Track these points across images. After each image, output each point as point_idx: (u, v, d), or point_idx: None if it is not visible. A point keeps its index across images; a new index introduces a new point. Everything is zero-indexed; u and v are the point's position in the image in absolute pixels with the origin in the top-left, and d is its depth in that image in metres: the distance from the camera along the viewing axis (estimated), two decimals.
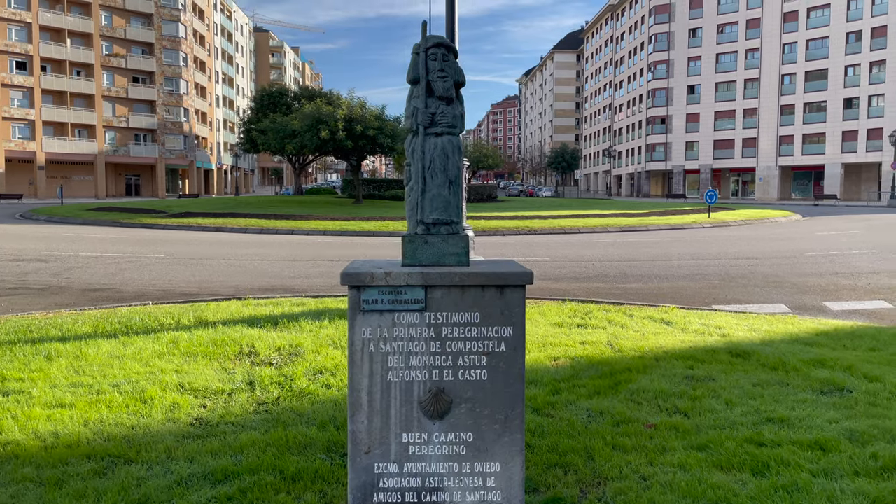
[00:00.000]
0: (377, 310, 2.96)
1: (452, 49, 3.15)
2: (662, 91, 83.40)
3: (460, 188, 3.18)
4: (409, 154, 3.18)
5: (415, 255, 3.11)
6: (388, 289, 2.94)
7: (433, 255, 3.10)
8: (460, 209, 3.16)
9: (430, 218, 3.12)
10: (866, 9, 66.63)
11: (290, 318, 7.48)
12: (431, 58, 3.12)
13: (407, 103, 3.20)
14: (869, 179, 68.94)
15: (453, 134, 3.15)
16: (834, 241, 19.95)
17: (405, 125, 3.19)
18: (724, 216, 31.88)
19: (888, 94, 64.68)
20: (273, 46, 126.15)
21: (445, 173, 3.13)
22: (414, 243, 3.12)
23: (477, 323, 2.98)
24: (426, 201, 3.12)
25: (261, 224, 25.88)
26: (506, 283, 2.95)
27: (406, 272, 2.94)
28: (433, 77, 3.11)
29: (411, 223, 3.18)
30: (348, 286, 2.95)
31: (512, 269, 3.01)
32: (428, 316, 2.97)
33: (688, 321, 7.65)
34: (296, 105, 49.86)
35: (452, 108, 3.15)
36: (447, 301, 2.96)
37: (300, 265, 14.22)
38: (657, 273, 12.99)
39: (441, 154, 3.12)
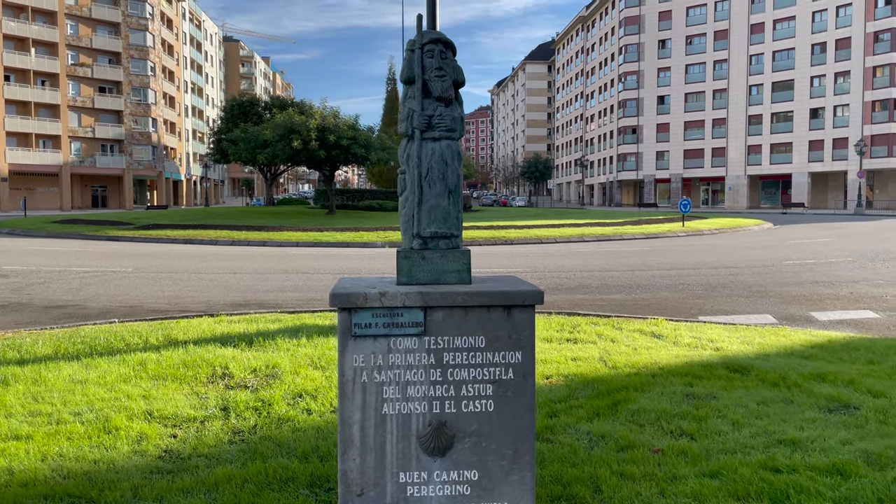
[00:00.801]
0: (371, 334, 2.65)
1: (451, 45, 2.87)
2: (633, 101, 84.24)
3: (460, 198, 2.89)
4: (403, 161, 2.89)
5: (411, 272, 2.81)
6: (383, 311, 2.63)
7: (432, 272, 2.80)
8: (460, 221, 2.88)
9: (428, 231, 2.82)
10: (830, 21, 68.06)
11: (265, 335, 7.10)
12: (428, 55, 2.84)
13: (401, 104, 2.90)
14: (835, 188, 70.22)
15: (452, 139, 2.86)
16: (809, 249, 20.04)
17: (399, 128, 2.89)
18: (697, 225, 32.04)
19: (852, 104, 66.03)
20: (243, 56, 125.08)
21: (444, 182, 2.84)
22: (410, 259, 2.82)
23: (482, 348, 2.68)
24: (423, 213, 2.82)
25: (232, 236, 25.32)
26: (514, 303, 2.66)
27: (403, 292, 2.64)
28: (430, 76, 2.83)
29: (406, 237, 2.88)
30: (338, 308, 2.63)
31: (519, 287, 2.72)
32: (427, 340, 2.66)
33: (678, 334, 7.43)
34: (267, 115, 49.25)
35: (451, 111, 2.86)
36: (449, 324, 2.66)
37: (274, 278, 13.80)
38: (639, 283, 12.82)
39: (439, 161, 2.83)
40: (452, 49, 2.86)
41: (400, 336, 2.64)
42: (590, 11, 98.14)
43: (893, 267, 15.03)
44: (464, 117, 2.91)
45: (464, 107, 2.97)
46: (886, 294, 11.25)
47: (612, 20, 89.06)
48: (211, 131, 59.93)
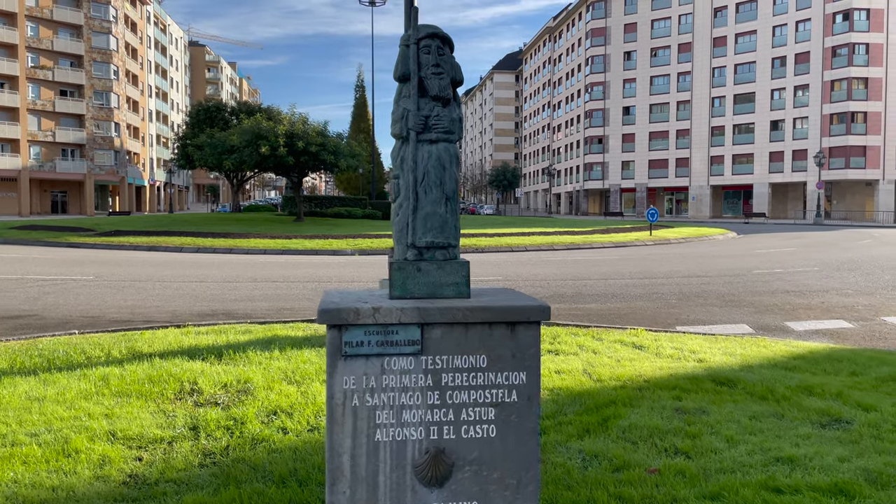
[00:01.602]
0: (363, 354, 2.42)
1: (448, 41, 2.67)
2: (599, 112, 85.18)
3: (458, 205, 2.69)
4: (396, 165, 2.68)
5: (405, 285, 2.59)
6: (377, 328, 2.41)
7: (428, 285, 2.59)
8: (458, 230, 2.67)
9: (424, 241, 2.61)
10: (790, 36, 69.69)
11: (235, 348, 6.80)
12: (424, 51, 2.63)
13: (395, 105, 2.69)
14: (795, 198, 71.77)
15: (450, 141, 2.66)
16: (776, 258, 20.28)
17: (392, 130, 2.68)
18: (664, 234, 32.33)
19: (811, 116, 67.61)
20: (209, 61, 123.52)
21: (441, 188, 2.64)
22: (404, 271, 2.60)
23: (483, 368, 2.48)
24: (418, 221, 2.62)
25: (197, 243, 24.75)
26: (518, 319, 2.46)
27: (398, 307, 2.42)
28: (426, 74, 2.62)
29: (400, 247, 2.67)
30: (326, 325, 2.40)
31: (524, 302, 2.53)
32: (425, 360, 2.45)
33: (660, 345, 7.32)
34: (234, 120, 48.50)
35: (449, 111, 2.66)
36: (448, 342, 2.45)
37: (242, 287, 13.42)
38: (613, 292, 12.76)
39: (436, 165, 2.63)
40: (450, 45, 2.67)
41: (395, 355, 2.43)
42: (557, 23, 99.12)
43: (859, 276, 15.23)
44: (462, 118, 2.72)
45: (461, 107, 2.78)
46: (856, 304, 11.34)
47: (579, 31, 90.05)
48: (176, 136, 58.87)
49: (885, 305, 11.17)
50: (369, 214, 45.37)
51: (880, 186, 64.71)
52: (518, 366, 2.48)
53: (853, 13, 64.22)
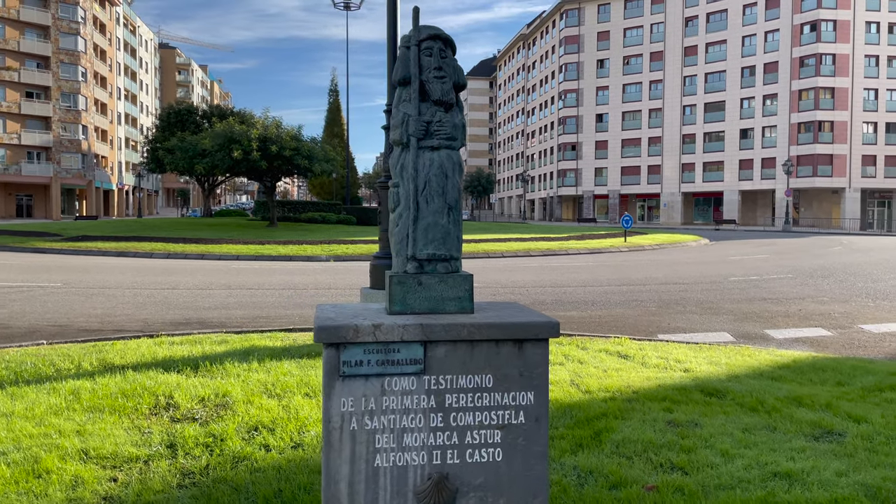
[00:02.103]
0: (362, 374, 2.28)
1: (450, 43, 2.54)
2: (573, 119, 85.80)
3: (461, 215, 2.56)
4: (396, 173, 2.54)
5: (405, 300, 2.45)
6: (378, 346, 2.27)
7: (429, 299, 2.46)
8: (461, 241, 2.54)
9: (425, 253, 2.48)
10: (759, 46, 70.91)
11: (212, 359, 6.58)
12: (426, 53, 2.50)
13: (394, 109, 2.56)
14: (764, 205, 72.94)
15: (453, 148, 2.53)
16: (750, 265, 20.48)
17: (392, 136, 2.54)
18: (639, 240, 32.54)
19: (780, 125, 68.81)
20: (180, 64, 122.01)
21: (444, 197, 2.50)
22: (404, 285, 2.46)
23: (489, 388, 2.35)
24: (419, 232, 2.48)
25: (168, 248, 24.28)
26: (526, 336, 2.34)
27: (399, 323, 2.28)
28: (428, 77, 2.50)
29: (399, 259, 2.53)
30: (323, 344, 2.25)
31: (532, 318, 2.40)
32: (427, 380, 2.31)
33: (645, 354, 7.26)
34: (205, 124, 47.86)
35: (452, 116, 2.53)
36: (452, 360, 2.32)
37: (215, 294, 13.13)
38: (592, 299, 12.72)
39: (438, 173, 2.50)
40: (452, 47, 2.54)
41: (396, 375, 2.29)
42: (531, 30, 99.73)
43: (833, 284, 15.41)
44: (465, 125, 2.59)
45: (463, 112, 2.65)
46: (833, 311, 11.43)
47: (553, 39, 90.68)
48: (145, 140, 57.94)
49: (860, 313, 11.27)
50: (344, 220, 45.05)
51: (846, 194, 66.03)
52: (526, 385, 2.35)
53: (820, 24, 65.56)
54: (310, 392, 5.50)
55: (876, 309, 11.72)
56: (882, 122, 66.46)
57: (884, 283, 15.48)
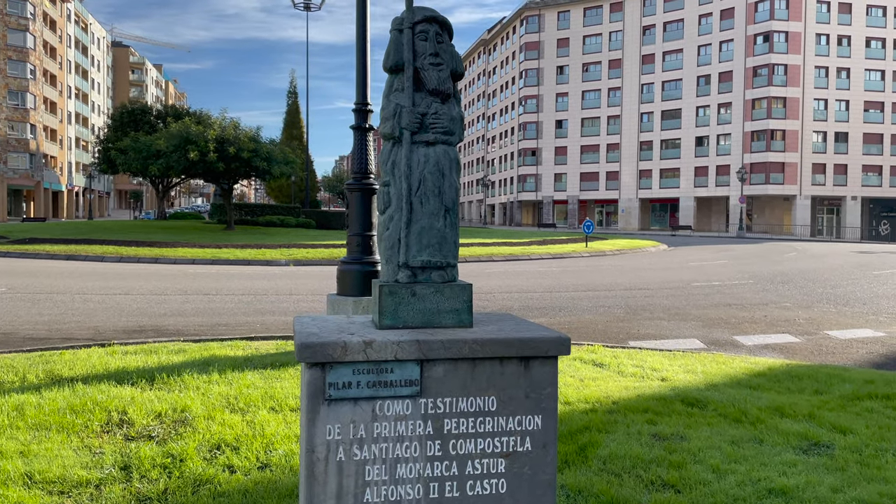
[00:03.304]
0: (350, 397, 2.01)
1: (448, 26, 2.29)
2: (533, 124, 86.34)
3: (457, 218, 2.31)
4: (386, 170, 2.28)
5: (397, 312, 2.19)
6: (369, 366, 2.00)
7: (424, 312, 2.20)
8: (457, 247, 2.29)
9: (419, 260, 2.22)
10: (714, 55, 72.41)
11: (169, 370, 6.19)
12: (420, 37, 2.25)
13: (384, 99, 2.29)
14: (718, 212, 74.44)
15: (450, 143, 2.28)
16: (711, 271, 20.68)
17: (382, 129, 2.28)
18: (600, 246, 32.73)
19: (734, 133, 70.32)
20: (133, 63, 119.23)
21: (440, 197, 2.25)
22: (396, 296, 2.20)
23: (492, 412, 2.10)
24: (413, 236, 2.22)
25: (120, 252, 23.45)
26: (534, 353, 2.10)
27: (393, 340, 2.02)
28: (423, 64, 2.24)
29: (390, 267, 2.27)
30: (305, 363, 1.98)
31: (538, 333, 2.16)
32: (424, 404, 2.05)
33: (620, 362, 7.10)
34: (160, 124, 46.66)
35: (449, 108, 2.28)
36: (452, 381, 2.06)
37: (171, 300, 12.61)
38: (560, 305, 12.59)
39: (434, 171, 2.24)
40: (449, 31, 2.29)
41: (388, 399, 2.02)
42: (491, 35, 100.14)
43: (794, 290, 15.60)
44: (463, 117, 2.35)
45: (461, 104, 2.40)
46: (798, 317, 11.51)
47: (513, 45, 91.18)
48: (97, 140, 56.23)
49: (824, 319, 11.37)
50: (303, 223, 44.39)
51: (797, 201, 67.77)
52: (532, 408, 2.11)
53: (773, 35, 67.24)
54: (276, 406, 5.17)
55: (838, 315, 11.84)
56: (831, 132, 68.44)
57: (842, 289, 15.73)
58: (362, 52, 7.07)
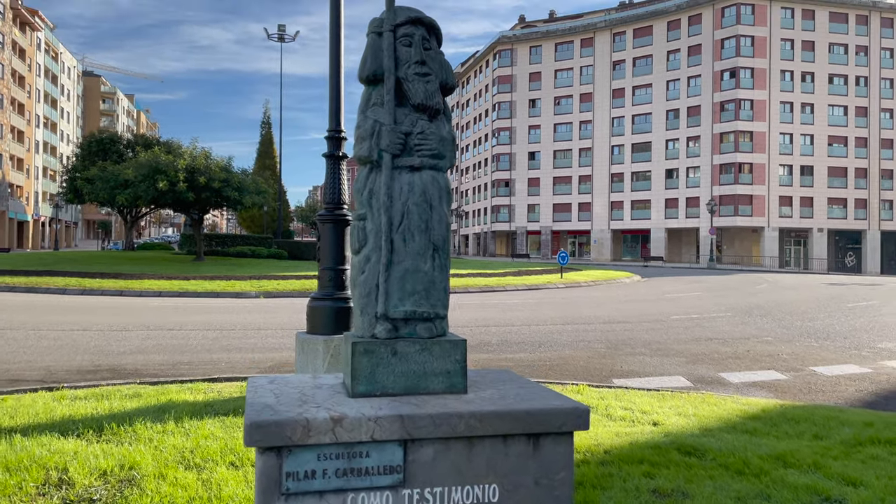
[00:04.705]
0: (315, 490, 1.58)
1: (435, 30, 1.91)
2: (506, 156, 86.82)
3: (448, 259, 1.91)
4: (362, 201, 1.87)
5: (374, 376, 1.77)
6: (338, 449, 1.58)
7: (408, 375, 1.79)
8: (448, 294, 1.89)
9: (401, 310, 1.81)
10: (682, 90, 73.75)
11: (120, 418, 5.65)
12: (403, 42, 1.86)
13: (359, 115, 1.90)
14: (689, 243, 75.15)
15: (439, 169, 1.90)
16: (688, 303, 20.50)
17: (357, 151, 1.88)
18: (574, 277, 32.55)
19: (703, 166, 71.33)
20: (104, 92, 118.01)
21: (427, 233, 1.85)
22: (373, 355, 1.78)
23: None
24: (394, 281, 1.82)
25: (83, 284, 22.61)
26: (545, 429, 1.69)
27: (370, 415, 1.60)
28: (407, 74, 1.85)
29: (365, 318, 1.85)
30: (258, 448, 1.55)
31: (549, 403, 1.76)
32: (409, 496, 1.63)
33: (608, 405, 6.71)
34: (129, 153, 45.85)
35: (437, 127, 1.89)
36: (443, 466, 1.65)
37: (132, 336, 11.98)
38: (539, 340, 12.21)
39: (421, 201, 1.85)
40: (438, 36, 1.91)
41: (364, 490, 1.60)
42: (465, 68, 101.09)
43: (772, 323, 15.42)
44: (455, 138, 1.96)
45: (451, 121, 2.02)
46: (781, 352, 11.26)
47: (486, 78, 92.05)
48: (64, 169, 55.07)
49: (808, 354, 11.13)
50: (275, 254, 43.64)
51: (766, 233, 68.66)
52: (544, 498, 1.70)
53: (739, 71, 68.71)
54: (236, 461, 4.67)
55: (821, 349, 11.62)
56: (797, 165, 69.74)
57: (820, 322, 15.60)
58: (336, 75, 6.71)
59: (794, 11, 70.00)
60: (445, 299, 1.89)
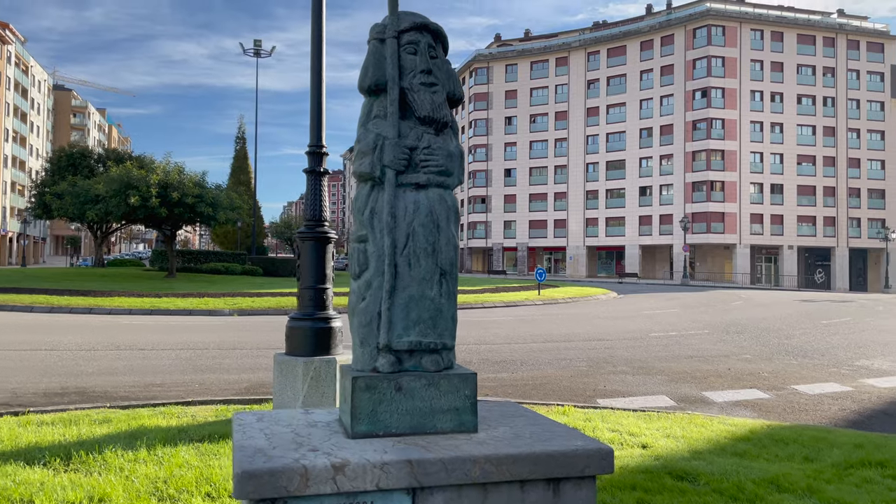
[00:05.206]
0: None
1: (442, 37, 1.77)
2: (482, 173, 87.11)
3: (456, 285, 1.76)
4: (362, 221, 1.72)
5: (377, 415, 1.61)
6: (340, 499, 1.41)
7: (413, 413, 1.63)
8: (455, 323, 1.74)
9: (406, 341, 1.66)
10: (655, 109, 74.79)
11: (89, 446, 5.37)
12: (408, 49, 1.72)
13: (360, 129, 1.74)
14: (662, 259, 75.84)
15: (446, 186, 1.75)
16: (665, 320, 20.54)
17: (357, 167, 1.73)
18: (552, 293, 32.54)
19: (675, 184, 72.23)
20: (75, 106, 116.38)
21: (434, 257, 1.70)
22: (375, 392, 1.62)
23: None
24: (398, 309, 1.67)
25: (51, 301, 22.01)
26: (566, 474, 1.54)
27: (374, 461, 1.44)
28: (412, 84, 1.71)
29: (366, 350, 1.69)
30: (252, 501, 1.37)
31: (569, 444, 1.61)
32: None
33: (595, 426, 6.57)
34: (100, 168, 45.10)
35: (444, 141, 1.75)
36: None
37: (101, 356, 11.61)
38: (520, 358, 12.07)
39: (427, 222, 1.70)
40: (444, 44, 1.76)
41: None
42: None
43: (750, 340, 15.47)
44: (463, 154, 1.82)
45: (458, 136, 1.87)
46: (761, 371, 11.25)
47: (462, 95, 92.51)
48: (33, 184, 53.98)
49: (788, 372, 11.13)
50: (249, 270, 43.12)
51: (737, 250, 69.56)
52: None
53: (710, 91, 69.89)
54: (212, 492, 4.44)
55: (801, 367, 11.64)
56: (767, 183, 70.91)
57: (797, 340, 15.68)
58: (317, 90, 6.56)
59: (763, 33, 71.51)
60: (453, 329, 1.73)
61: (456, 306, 1.76)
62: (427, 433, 1.64)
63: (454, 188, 1.81)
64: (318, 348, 6.50)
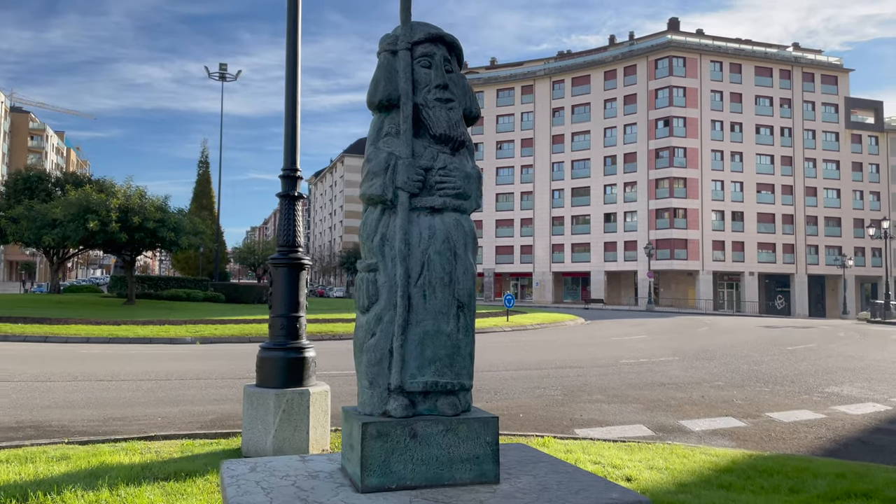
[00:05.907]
0: None
1: (457, 50, 1.64)
2: None
3: (474, 319, 1.61)
4: (372, 248, 1.58)
5: (389, 465, 1.49)
6: None
7: (429, 462, 1.50)
8: (473, 360, 1.58)
9: (420, 381, 1.56)
10: (619, 137, 76.13)
11: (47, 485, 5.03)
12: (422, 63, 1.63)
13: (369, 147, 1.61)
14: (627, 285, 76.64)
15: (463, 210, 1.66)
16: (634, 347, 20.58)
17: (366, 189, 1.59)
18: (520, 320, 32.49)
19: (639, 211, 73.32)
20: (33, 129, 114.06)
21: (450, 287, 1.62)
22: (388, 440, 1.49)
23: None
24: (411, 346, 1.56)
25: (4, 330, 21.18)
26: None
27: None
28: (427, 99, 1.63)
29: (375, 392, 1.56)
30: None
31: (603, 496, 1.46)
32: None
33: (577, 458, 6.41)
34: (58, 192, 44.01)
35: (461, 161, 1.68)
36: None
37: (58, 388, 11.10)
38: (493, 387, 11.88)
39: (444, 249, 1.60)
40: (459, 57, 1.63)
41: None
42: None
43: (720, 367, 15.54)
44: (481, 176, 1.67)
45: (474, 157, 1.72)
46: (734, 398, 11.25)
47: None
48: None
49: (761, 400, 11.14)
50: (212, 297, 42.29)
51: (700, 276, 70.64)
52: None
53: (672, 120, 71.46)
54: None
55: (773, 395, 11.67)
56: (728, 211, 72.42)
57: (766, 366, 15.80)
58: (292, 112, 6.39)
59: (722, 65, 73.52)
60: (471, 367, 1.58)
61: (474, 342, 1.61)
62: (445, 485, 1.47)
63: (471, 212, 1.67)
64: (291, 379, 6.26)
